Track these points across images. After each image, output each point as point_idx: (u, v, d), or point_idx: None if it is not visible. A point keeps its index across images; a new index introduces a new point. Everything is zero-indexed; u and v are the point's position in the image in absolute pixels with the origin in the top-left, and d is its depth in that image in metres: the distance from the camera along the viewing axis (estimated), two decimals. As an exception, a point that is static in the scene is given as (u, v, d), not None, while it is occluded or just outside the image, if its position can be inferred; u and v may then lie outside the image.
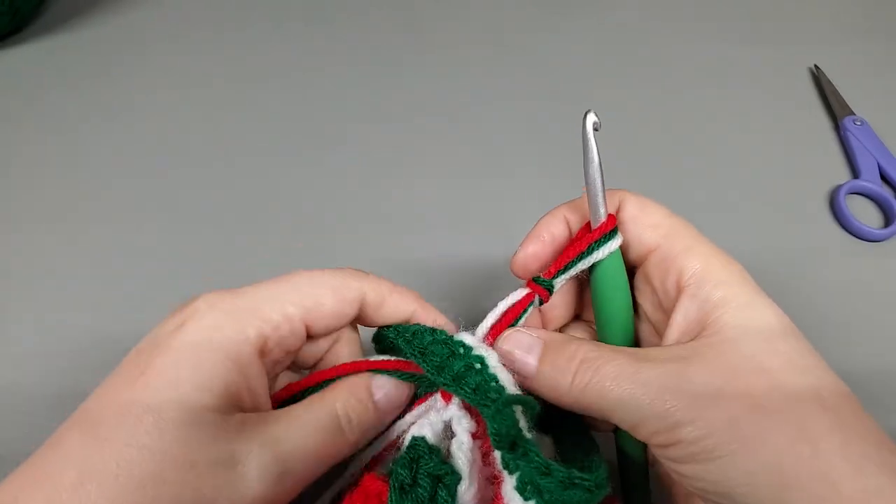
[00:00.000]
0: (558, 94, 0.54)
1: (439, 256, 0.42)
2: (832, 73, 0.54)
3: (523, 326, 0.27)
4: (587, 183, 0.26)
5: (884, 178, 0.47)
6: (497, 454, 0.24)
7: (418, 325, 0.27)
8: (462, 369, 0.25)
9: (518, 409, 0.25)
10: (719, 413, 0.21)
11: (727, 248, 0.26)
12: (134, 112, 0.52)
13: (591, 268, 0.27)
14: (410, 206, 0.46)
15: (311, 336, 0.26)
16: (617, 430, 0.29)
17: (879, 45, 0.58)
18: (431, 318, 0.28)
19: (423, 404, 0.27)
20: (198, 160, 0.49)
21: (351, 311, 0.26)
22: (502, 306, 0.27)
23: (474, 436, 0.25)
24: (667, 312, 0.25)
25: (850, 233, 0.45)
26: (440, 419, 0.26)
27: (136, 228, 0.44)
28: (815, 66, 0.55)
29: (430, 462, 0.24)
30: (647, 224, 0.26)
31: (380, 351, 0.29)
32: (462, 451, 0.24)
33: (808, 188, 0.47)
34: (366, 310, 0.27)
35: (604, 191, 0.26)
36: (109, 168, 0.48)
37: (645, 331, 0.28)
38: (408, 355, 0.26)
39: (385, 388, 0.26)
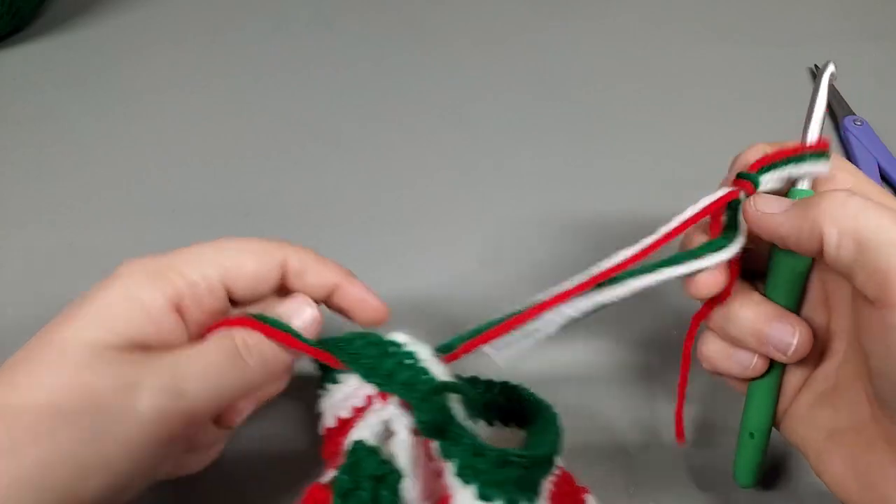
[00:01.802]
0: (559, 95, 0.54)
1: (439, 256, 0.42)
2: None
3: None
4: (809, 112, 0.27)
5: (884, 178, 0.47)
6: (435, 445, 0.24)
7: (351, 332, 0.28)
8: (393, 367, 0.26)
9: (453, 399, 0.25)
10: None
11: (727, 247, 0.26)
12: (134, 112, 0.52)
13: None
14: (410, 206, 0.46)
15: (235, 301, 0.27)
16: (752, 386, 0.29)
17: (879, 45, 0.58)
18: (357, 292, 0.28)
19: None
20: (198, 160, 0.49)
21: (273, 276, 0.27)
22: (704, 201, 0.28)
23: (416, 432, 0.25)
24: None
25: (851, 233, 0.45)
26: (379, 419, 0.26)
27: (136, 228, 0.44)
28: (815, 66, 0.55)
29: (371, 465, 0.24)
30: (836, 166, 0.27)
31: (323, 366, 0.28)
32: (403, 448, 0.25)
33: (808, 188, 0.47)
34: (288, 277, 0.27)
35: (822, 125, 0.27)
36: (109, 168, 0.48)
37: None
38: (346, 363, 0.27)
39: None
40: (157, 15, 0.61)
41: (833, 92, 0.53)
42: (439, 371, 0.26)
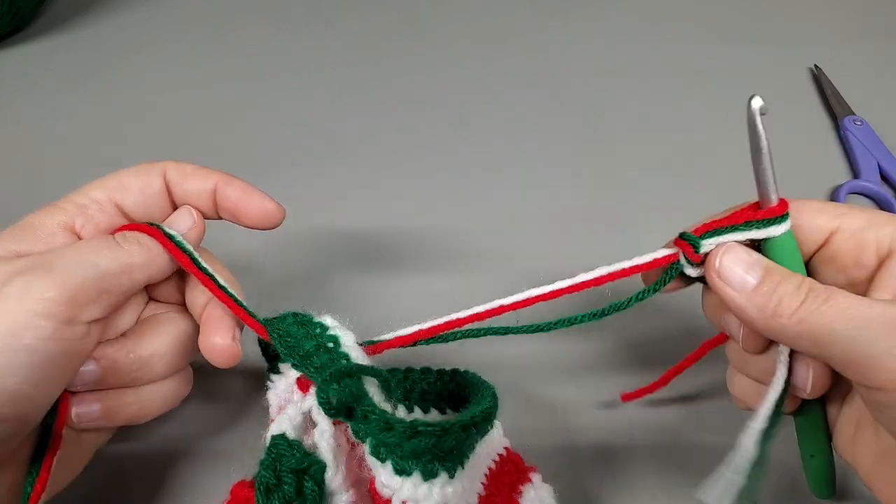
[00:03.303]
0: (559, 94, 0.54)
1: (439, 256, 0.42)
2: (832, 73, 0.54)
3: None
4: (756, 170, 0.25)
5: (884, 178, 0.47)
6: (349, 427, 0.24)
7: (287, 311, 0.28)
8: (312, 349, 0.26)
9: (370, 383, 0.25)
10: None
11: (727, 247, 0.26)
12: (134, 112, 0.52)
13: (764, 250, 0.26)
14: (409, 205, 0.46)
15: (131, 217, 0.29)
16: (798, 420, 0.28)
17: (879, 45, 0.58)
18: (236, 191, 0.30)
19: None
20: (198, 161, 0.48)
21: (156, 187, 0.30)
22: (641, 259, 0.27)
23: (336, 421, 0.25)
24: (860, 286, 0.25)
25: (850, 233, 0.44)
26: (299, 411, 0.26)
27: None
28: (815, 66, 0.55)
29: (292, 459, 0.24)
30: (814, 209, 0.26)
31: (270, 357, 0.28)
32: (324, 438, 0.25)
33: (809, 188, 0.47)
34: (173, 188, 0.30)
35: (774, 176, 0.25)
36: (109, 168, 0.48)
37: None
38: (272, 340, 0.27)
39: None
40: (157, 15, 0.61)
41: (833, 92, 0.53)
42: (359, 357, 0.26)
